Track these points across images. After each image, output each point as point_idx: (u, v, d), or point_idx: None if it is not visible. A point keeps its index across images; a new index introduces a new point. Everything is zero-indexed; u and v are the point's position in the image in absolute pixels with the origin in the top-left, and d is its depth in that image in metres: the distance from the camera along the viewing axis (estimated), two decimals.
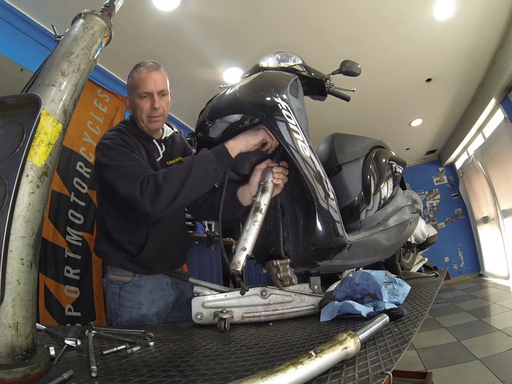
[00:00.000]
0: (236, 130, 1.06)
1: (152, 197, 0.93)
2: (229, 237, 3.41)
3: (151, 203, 0.94)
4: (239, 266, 0.90)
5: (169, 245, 1.22)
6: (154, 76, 1.16)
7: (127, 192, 0.96)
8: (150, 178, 0.95)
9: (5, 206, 0.51)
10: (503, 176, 4.59)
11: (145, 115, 1.17)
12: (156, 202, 0.94)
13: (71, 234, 2.16)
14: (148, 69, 1.16)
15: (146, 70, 1.16)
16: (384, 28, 3.12)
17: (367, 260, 1.26)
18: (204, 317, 1.01)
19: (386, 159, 1.33)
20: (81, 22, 0.75)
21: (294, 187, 1.05)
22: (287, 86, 0.98)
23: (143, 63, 1.19)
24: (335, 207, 0.98)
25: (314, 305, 1.05)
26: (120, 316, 1.18)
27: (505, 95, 4.14)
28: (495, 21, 3.22)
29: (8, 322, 0.51)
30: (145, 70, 1.16)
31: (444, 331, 2.95)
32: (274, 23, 2.93)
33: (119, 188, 0.99)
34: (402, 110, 4.81)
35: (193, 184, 0.96)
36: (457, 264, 6.56)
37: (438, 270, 2.98)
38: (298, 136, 0.95)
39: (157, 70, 1.17)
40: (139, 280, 1.19)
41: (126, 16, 2.41)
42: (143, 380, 0.55)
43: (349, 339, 0.55)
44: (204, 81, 3.42)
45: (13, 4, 2.39)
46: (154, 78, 1.15)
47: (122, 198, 0.99)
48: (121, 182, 0.99)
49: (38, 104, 0.56)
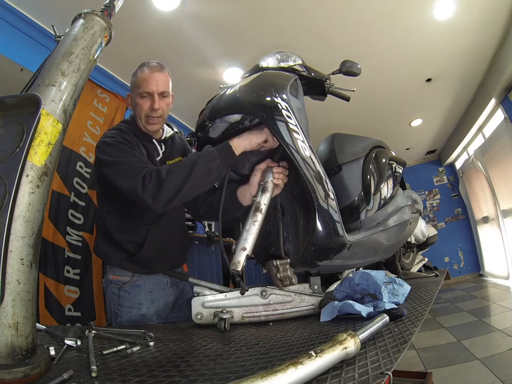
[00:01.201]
0: (236, 130, 1.06)
1: (154, 192, 0.93)
2: (229, 237, 3.41)
3: (153, 197, 0.93)
4: (239, 266, 0.90)
5: (168, 244, 1.22)
6: (157, 76, 1.16)
7: (128, 187, 0.96)
8: (152, 173, 0.96)
9: (5, 206, 0.51)
10: (503, 176, 4.59)
11: (144, 115, 1.17)
12: (158, 196, 0.94)
13: (71, 234, 2.16)
14: (152, 69, 1.16)
15: (150, 70, 1.16)
16: (384, 28, 3.12)
17: (367, 259, 1.26)
18: (204, 317, 1.01)
19: (386, 159, 1.33)
20: (81, 22, 0.75)
21: (294, 187, 1.05)
22: (287, 86, 0.98)
23: (147, 62, 1.19)
24: (335, 207, 0.98)
25: (314, 305, 1.05)
26: (120, 316, 1.18)
27: (505, 95, 4.14)
28: (495, 21, 3.22)
29: (8, 322, 0.51)
30: (148, 70, 1.16)
31: (444, 331, 2.95)
32: (274, 23, 2.93)
33: (121, 183, 0.99)
34: (402, 110, 4.81)
35: (196, 180, 0.96)
36: (457, 264, 6.56)
37: (438, 270, 2.98)
38: (298, 136, 0.95)
39: (160, 71, 1.18)
40: (138, 280, 1.19)
41: (126, 16, 2.41)
42: (143, 380, 0.55)
43: (349, 339, 0.55)
44: (204, 81, 3.42)
45: (13, 4, 2.39)
46: (157, 78, 1.16)
47: (123, 193, 0.99)
48: (122, 177, 0.99)
49: (38, 104, 0.56)
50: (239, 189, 1.10)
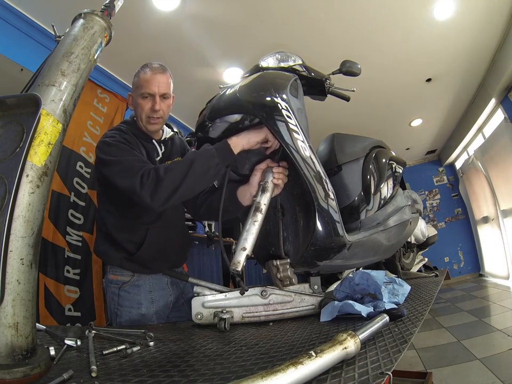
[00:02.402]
0: (235, 130, 1.06)
1: (152, 190, 0.94)
2: (229, 237, 3.41)
3: (151, 195, 0.94)
4: (239, 266, 0.89)
5: (168, 244, 1.22)
6: (159, 78, 1.17)
7: (127, 185, 0.97)
8: (150, 171, 0.96)
9: (5, 206, 0.51)
10: (503, 176, 4.59)
11: (144, 115, 1.19)
12: (156, 194, 0.94)
13: (71, 234, 2.16)
14: (154, 71, 1.17)
15: (152, 71, 1.17)
16: (384, 28, 3.12)
17: (367, 259, 1.26)
18: (204, 317, 1.01)
19: (386, 159, 1.33)
20: (81, 22, 0.75)
21: (294, 187, 1.05)
22: (287, 86, 0.98)
23: (150, 64, 1.20)
24: (335, 207, 0.98)
25: (314, 305, 1.05)
26: (120, 316, 1.18)
27: (505, 95, 4.14)
28: (495, 21, 3.22)
29: (8, 322, 0.51)
30: (150, 71, 1.17)
31: (444, 331, 2.95)
32: (274, 23, 2.93)
33: (120, 182, 0.99)
34: (402, 110, 4.81)
35: (194, 178, 0.96)
36: (457, 264, 6.56)
37: (438, 270, 2.98)
38: (298, 136, 0.95)
39: (162, 73, 1.19)
40: (138, 280, 1.19)
41: (126, 16, 2.41)
42: (143, 380, 0.55)
43: (349, 339, 0.55)
44: (204, 81, 3.42)
45: (13, 3, 2.39)
46: (159, 80, 1.17)
47: (122, 192, 0.99)
48: (121, 176, 0.99)
49: (38, 104, 0.56)
50: (239, 189, 1.10)
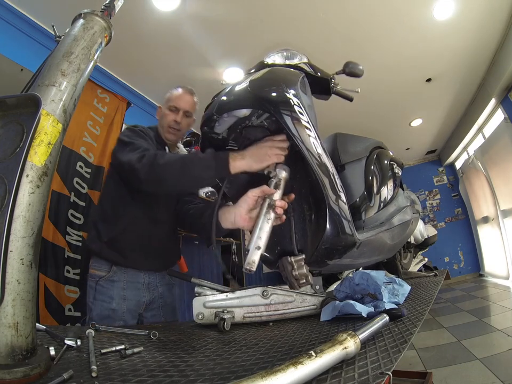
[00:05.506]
0: (241, 127, 1.05)
1: (147, 169, 0.99)
2: (229, 237, 3.41)
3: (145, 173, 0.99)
4: (254, 266, 0.84)
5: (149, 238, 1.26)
6: (187, 97, 1.39)
7: (127, 160, 1.05)
8: (151, 154, 1.02)
9: (5, 206, 0.51)
10: (503, 176, 4.59)
11: (166, 124, 1.36)
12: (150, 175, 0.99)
13: (71, 234, 2.16)
14: (184, 91, 1.40)
15: (183, 91, 1.40)
16: (384, 29, 3.13)
17: (372, 258, 1.26)
18: (205, 317, 1.01)
19: (388, 160, 1.33)
20: (81, 22, 0.75)
21: (302, 185, 1.04)
22: (297, 83, 0.96)
23: (183, 85, 1.43)
24: (346, 205, 0.96)
25: (315, 305, 1.05)
26: (93, 310, 1.21)
27: (505, 95, 4.14)
28: (495, 21, 3.22)
29: (8, 322, 0.51)
30: (182, 90, 1.40)
31: (444, 331, 2.95)
32: (274, 23, 2.93)
33: (122, 156, 1.09)
34: (402, 110, 4.81)
35: (186, 180, 0.99)
36: (457, 264, 6.56)
37: (438, 270, 2.98)
38: (310, 133, 0.92)
39: (190, 94, 1.41)
40: (114, 275, 1.23)
41: (126, 16, 2.41)
42: (143, 380, 0.55)
43: (349, 339, 0.55)
44: (204, 81, 3.41)
45: (13, 3, 2.39)
46: (187, 99, 1.38)
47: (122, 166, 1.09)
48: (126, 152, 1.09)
49: (38, 104, 0.56)
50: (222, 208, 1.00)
